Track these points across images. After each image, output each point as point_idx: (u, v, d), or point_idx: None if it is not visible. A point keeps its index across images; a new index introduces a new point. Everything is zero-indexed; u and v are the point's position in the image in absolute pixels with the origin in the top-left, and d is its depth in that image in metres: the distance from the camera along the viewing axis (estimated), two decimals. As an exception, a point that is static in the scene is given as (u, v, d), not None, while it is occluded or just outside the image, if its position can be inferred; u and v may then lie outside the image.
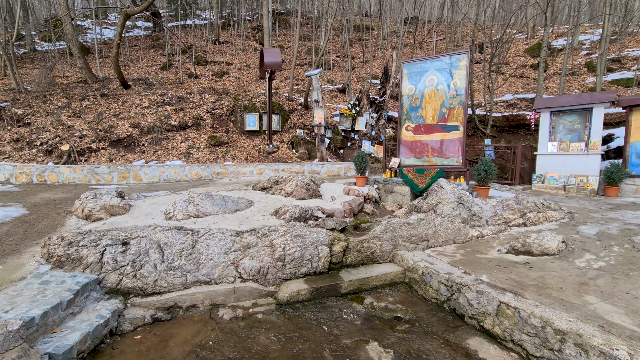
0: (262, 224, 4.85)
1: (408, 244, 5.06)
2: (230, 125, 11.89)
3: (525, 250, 4.64)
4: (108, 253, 3.49)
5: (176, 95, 12.79)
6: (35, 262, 3.54)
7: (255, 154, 10.82)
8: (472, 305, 3.54)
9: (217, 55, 19.94)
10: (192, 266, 3.74)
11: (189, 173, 8.67)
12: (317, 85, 10.40)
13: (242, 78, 16.27)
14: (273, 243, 4.23)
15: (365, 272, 4.57)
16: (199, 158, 10.07)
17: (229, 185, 7.81)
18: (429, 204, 5.42)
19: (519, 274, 4.02)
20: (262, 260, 4.05)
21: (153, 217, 5.17)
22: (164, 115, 11.25)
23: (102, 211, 5.17)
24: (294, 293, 3.90)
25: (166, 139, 10.49)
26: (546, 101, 9.02)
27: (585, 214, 6.12)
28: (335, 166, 9.98)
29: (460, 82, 7.32)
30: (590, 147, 8.34)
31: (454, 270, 4.17)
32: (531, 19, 18.58)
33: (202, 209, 5.29)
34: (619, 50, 14.72)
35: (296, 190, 6.77)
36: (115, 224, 4.81)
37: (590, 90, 12.83)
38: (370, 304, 4.06)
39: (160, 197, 6.21)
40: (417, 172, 7.57)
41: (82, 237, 3.63)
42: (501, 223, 5.86)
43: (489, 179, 6.20)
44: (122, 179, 8.14)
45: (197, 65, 17.00)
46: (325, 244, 4.45)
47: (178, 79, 15.30)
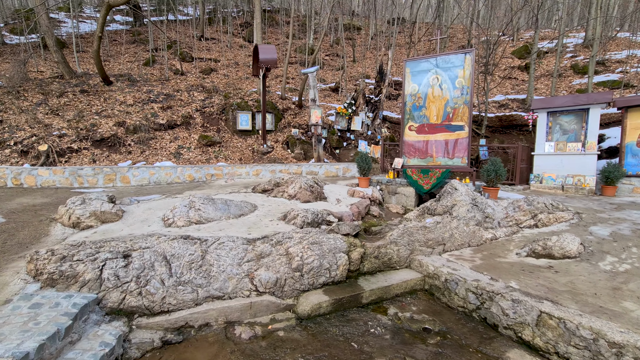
0: (273, 230, 4.51)
1: (425, 249, 4.85)
2: (221, 124, 11.39)
3: (546, 253, 4.52)
4: (108, 268, 3.07)
5: (163, 93, 12.15)
6: (21, 281, 3.07)
7: (249, 154, 10.38)
8: (507, 315, 3.34)
9: (203, 52, 19.24)
10: (203, 280, 3.36)
11: (181, 175, 8.16)
12: (313, 83, 10.09)
13: (231, 76, 15.73)
14: (289, 251, 3.90)
15: (384, 280, 4.31)
16: (190, 159, 9.55)
17: (226, 187, 7.38)
18: (444, 207, 5.23)
19: (547, 279, 3.88)
20: (278, 270, 3.71)
21: (150, 224, 4.73)
22: (150, 114, 10.62)
23: (92, 218, 4.67)
24: (315, 306, 3.59)
25: (154, 139, 9.89)
26: (543, 102, 9.08)
27: (592, 214, 6.12)
28: (333, 167, 9.70)
29: (465, 81, 7.20)
30: (587, 148, 8.44)
31: (479, 276, 3.98)
32: (517, 22, 18.96)
33: (204, 214, 4.88)
34: (603, 54, 15.21)
35: (300, 192, 6.44)
36: (109, 233, 4.35)
37: (579, 91, 13.15)
38: (395, 315, 3.80)
39: (155, 202, 5.73)
40: (421, 172, 7.41)
41: (76, 250, 3.18)
42: (513, 224, 5.76)
43: (499, 180, 6.09)
44: (108, 182, 7.55)
45: (182, 62, 16.29)
46: (343, 251, 4.17)
47: (163, 75, 14.59)
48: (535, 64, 15.87)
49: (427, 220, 4.99)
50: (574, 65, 14.98)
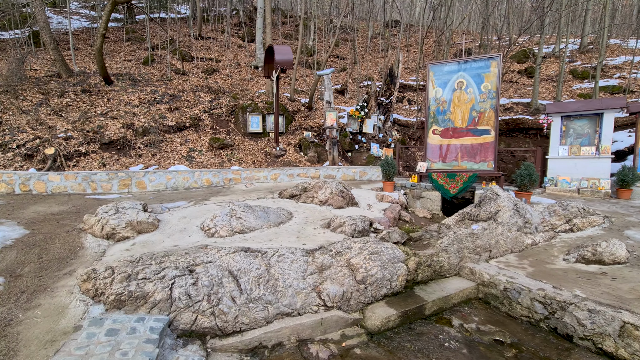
0: (324, 239, 4.34)
1: (472, 255, 4.78)
2: (230, 126, 11.09)
3: (596, 259, 4.52)
4: (178, 286, 2.84)
5: (168, 93, 11.74)
6: (80, 302, 2.80)
7: (262, 157, 10.14)
8: (583, 326, 3.29)
9: (202, 51, 18.78)
10: (272, 296, 3.17)
11: (198, 179, 7.85)
12: (329, 85, 9.94)
13: (235, 76, 15.40)
14: (350, 263, 3.75)
15: (440, 289, 4.21)
16: (203, 162, 9.23)
17: (250, 193, 7.14)
18: (488, 213, 5.18)
19: (608, 286, 3.86)
20: (343, 283, 3.55)
21: (190, 234, 4.48)
22: (158, 115, 10.22)
23: (128, 229, 4.39)
24: (384, 320, 3.45)
25: (164, 141, 9.51)
26: (558, 106, 9.23)
27: (621, 218, 6.21)
28: (350, 170, 9.57)
29: (491, 86, 7.22)
30: (602, 151, 8.62)
31: (541, 285, 3.92)
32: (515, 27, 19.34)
33: (246, 222, 4.67)
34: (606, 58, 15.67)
35: (332, 198, 6.29)
36: (150, 245, 4.09)
37: (580, 95, 13.49)
38: (461, 326, 3.70)
39: (187, 209, 5.46)
40: (447, 177, 7.37)
41: (139, 266, 2.94)
42: (549, 229, 5.77)
43: (533, 185, 6.10)
44: (123, 187, 7.18)
45: (183, 62, 15.83)
46: (401, 261, 4.04)
47: (164, 75, 14.13)
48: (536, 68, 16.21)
49: (474, 226, 4.92)
50: (573, 70, 15.38)
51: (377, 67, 20.17)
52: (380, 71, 18.98)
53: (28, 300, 2.79)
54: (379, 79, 17.81)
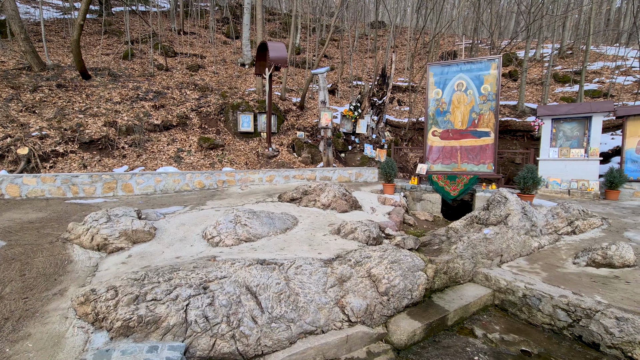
0: (339, 247, 4.10)
1: (485, 261, 4.69)
2: (220, 125, 10.62)
3: (606, 262, 4.53)
4: (194, 307, 2.52)
5: (152, 90, 11.11)
6: (78, 330, 2.43)
7: (255, 158, 9.76)
8: (611, 334, 3.22)
9: (185, 47, 18.04)
10: (294, 313, 2.90)
11: (190, 182, 7.40)
12: (323, 84, 9.71)
13: (221, 73, 14.85)
14: (371, 273, 3.53)
15: (457, 297, 4.08)
16: (192, 163, 8.75)
17: (247, 196, 6.79)
18: (498, 216, 5.12)
19: (625, 291, 3.84)
20: (365, 296, 3.33)
21: (192, 243, 4.12)
22: (142, 113, 9.62)
23: (122, 239, 3.97)
24: (410, 334, 3.25)
25: (149, 141, 8.95)
26: (548, 109, 9.42)
27: (617, 220, 6.34)
28: (346, 172, 9.38)
29: (491, 87, 7.22)
30: (590, 154, 8.85)
31: (561, 291, 3.85)
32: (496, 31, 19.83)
33: (252, 230, 4.36)
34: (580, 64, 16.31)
35: (335, 201, 6.06)
36: (148, 257, 3.71)
37: (562, 99, 13.94)
38: (485, 337, 3.57)
39: (184, 215, 5.06)
40: (448, 179, 7.31)
41: (147, 285, 2.59)
42: (552, 232, 5.79)
43: (535, 187, 6.12)
44: (108, 191, 6.64)
45: (166, 57, 15.11)
46: (421, 269, 3.87)
47: (146, 70, 13.41)
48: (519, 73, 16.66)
49: (485, 231, 4.84)
50: (555, 75, 15.90)
51: (366, 67, 20.13)
52: (369, 71, 18.95)
53: (15, 330, 2.39)
54: (368, 79, 17.76)
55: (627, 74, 14.21)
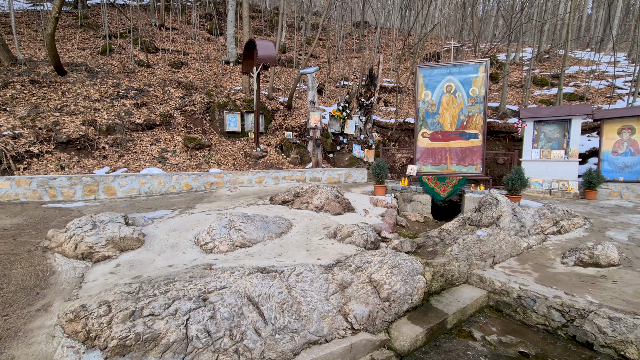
0: (337, 252, 4.04)
1: (479, 262, 4.75)
2: (206, 124, 10.33)
3: (593, 262, 4.69)
4: (194, 322, 2.39)
5: (133, 87, 10.66)
6: (68, 350, 2.25)
7: (242, 158, 9.55)
8: (604, 333, 3.32)
9: (166, 43, 17.46)
10: (298, 323, 2.82)
11: (176, 184, 7.13)
12: (312, 84, 9.61)
13: (205, 71, 14.47)
14: (372, 278, 3.49)
15: (454, 299, 4.10)
16: (178, 164, 8.45)
17: (237, 198, 6.62)
18: (490, 218, 5.20)
19: (613, 290, 3.98)
20: (367, 302, 3.29)
21: (184, 250, 3.95)
22: (124, 111, 9.21)
23: (109, 246, 3.76)
24: (413, 340, 3.23)
25: (132, 141, 8.57)
26: (530, 111, 9.72)
27: (598, 219, 6.61)
28: (335, 172, 9.33)
29: (479, 90, 7.34)
30: (570, 155, 9.21)
31: (555, 292, 3.94)
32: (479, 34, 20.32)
33: (247, 235, 4.23)
34: (556, 68, 16.97)
35: (328, 204, 5.99)
36: (138, 266, 3.53)
37: (542, 102, 14.44)
38: (483, 339, 3.60)
39: (173, 220, 4.85)
40: (438, 180, 7.40)
41: (143, 299, 2.43)
42: (539, 232, 5.96)
43: (523, 188, 6.27)
44: (88, 194, 6.29)
45: (147, 53, 14.56)
46: (420, 273, 3.86)
47: (126, 67, 12.87)
48: (500, 75, 17.15)
49: (479, 232, 4.90)
50: (533, 78, 16.45)
51: (352, 67, 20.15)
52: (355, 71, 18.99)
53: (-4, 352, 2.18)
54: (354, 79, 17.79)
55: (600, 78, 14.90)
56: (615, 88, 13.63)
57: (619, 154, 8.88)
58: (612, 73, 15.42)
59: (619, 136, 8.87)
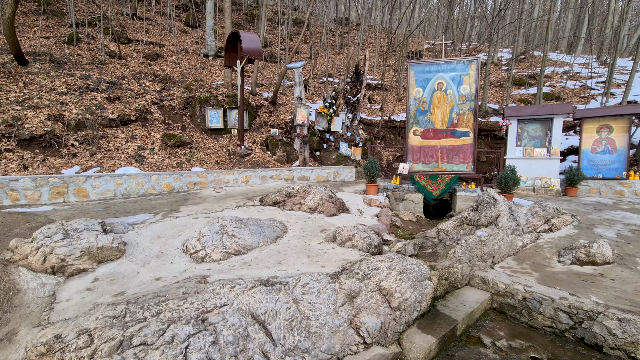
0: (340, 257, 3.79)
1: (480, 263, 4.66)
2: (186, 120, 9.75)
3: (589, 260, 4.71)
4: (195, 350, 2.06)
5: (104, 79, 9.88)
6: (40, 391, 1.86)
7: (226, 156, 9.08)
8: (614, 335, 3.28)
9: (139, 33, 16.46)
10: (308, 341, 2.54)
11: (156, 184, 6.60)
12: (299, 79, 9.27)
13: (183, 64, 13.74)
14: (381, 286, 3.27)
15: (460, 303, 3.97)
16: (156, 163, 7.88)
17: (224, 199, 6.21)
18: (489, 217, 5.13)
19: (614, 289, 3.98)
20: (378, 312, 3.06)
21: (172, 259, 3.57)
22: (94, 106, 8.48)
23: (85, 258, 3.31)
24: (427, 351, 3.05)
25: (105, 137, 7.90)
26: (515, 110, 9.86)
27: (584, 216, 6.74)
28: (324, 171, 9.07)
29: (470, 88, 7.31)
30: (552, 153, 9.43)
31: (561, 293, 3.89)
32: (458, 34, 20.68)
33: (241, 241, 3.89)
34: (533, 68, 17.52)
35: (322, 204, 5.73)
36: (120, 280, 3.12)
37: (520, 101, 14.84)
38: (493, 345, 3.48)
39: (157, 226, 4.41)
40: (430, 178, 7.31)
41: (132, 325, 2.07)
42: (532, 230, 5.99)
43: (515, 186, 6.28)
44: (56, 196, 5.67)
45: (118, 43, 13.61)
46: (427, 278, 3.68)
47: (96, 58, 11.96)
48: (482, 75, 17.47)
49: (479, 232, 4.81)
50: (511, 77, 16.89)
51: (334, 63, 19.91)
52: (338, 67, 18.77)
53: (-55, 402, 1.76)
54: (338, 75, 17.56)
55: (574, 78, 15.52)
56: (589, 89, 14.23)
57: (597, 152, 9.18)
58: (584, 74, 16.10)
59: (598, 135, 9.17)
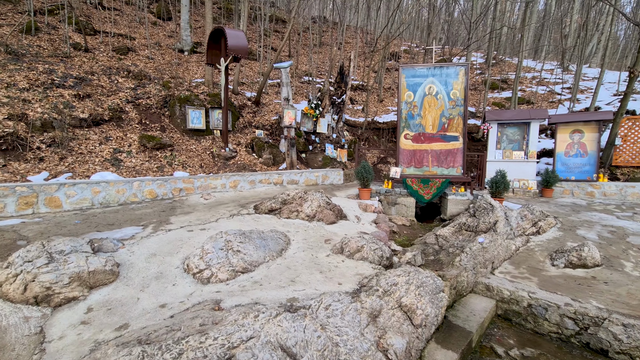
0: (354, 272, 3.65)
1: (482, 270, 4.71)
2: (165, 121, 9.15)
3: (581, 263, 4.91)
4: (230, 398, 1.83)
5: (71, 75, 9.04)
6: None
7: (210, 159, 8.64)
8: (619, 340, 3.40)
9: (107, 25, 15.30)
10: (340, 371, 2.38)
11: (138, 191, 6.09)
12: (286, 80, 9.00)
13: (157, 59, 12.94)
14: (402, 303, 3.17)
15: (469, 312, 3.98)
16: (135, 167, 7.31)
17: (216, 207, 5.85)
18: (487, 223, 5.21)
19: (609, 292, 4.16)
20: (402, 331, 2.96)
21: (174, 281, 3.26)
22: (62, 104, 7.71)
23: (74, 285, 2.93)
24: (450, 368, 2.99)
25: (75, 139, 7.20)
26: (495, 114, 10.22)
27: (565, 218, 7.08)
28: (312, 174, 8.89)
29: (459, 93, 7.43)
30: (529, 156, 9.88)
31: (562, 298, 4.00)
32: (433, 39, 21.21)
33: (247, 257, 3.64)
34: (505, 73, 18.34)
35: (320, 212, 5.57)
36: (118, 308, 2.80)
37: (494, 104, 15.46)
38: (507, 354, 3.51)
39: (149, 241, 4.03)
40: (422, 182, 7.37)
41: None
42: (521, 233, 6.19)
43: (506, 190, 6.46)
44: (25, 207, 5.05)
45: (84, 35, 12.54)
46: (441, 290, 3.64)
47: (59, 49, 10.94)
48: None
49: (480, 239, 4.87)
50: (485, 82, 17.58)
51: (314, 63, 19.70)
52: (319, 67, 18.59)
53: None
54: (318, 75, 17.39)
55: (542, 84, 16.43)
56: (557, 94, 15.11)
57: (570, 155, 9.71)
58: (549, 79, 17.09)
59: (570, 139, 9.70)
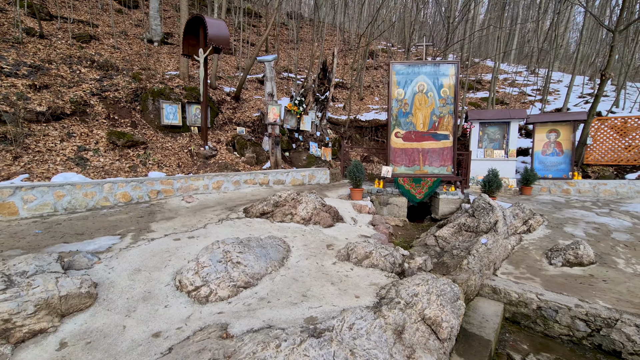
0: (368, 282, 3.35)
1: (487, 271, 4.60)
2: (136, 116, 8.35)
3: (578, 262, 4.96)
4: None
5: (25, 63, 7.98)
6: None
7: (188, 158, 7.98)
8: (633, 341, 3.38)
9: (65, 10, 13.88)
10: (377, 403, 2.07)
11: (110, 194, 5.40)
12: (271, 74, 8.53)
13: (124, 49, 11.90)
14: (425, 315, 2.92)
15: (481, 317, 3.83)
16: (103, 167, 6.54)
17: (201, 211, 5.32)
18: (488, 224, 5.12)
19: (611, 291, 4.19)
20: (429, 347, 2.71)
21: (166, 302, 2.80)
22: (15, 95, 6.74)
23: (42, 313, 2.40)
24: (479, 384, 2.77)
25: (32, 135, 6.31)
26: (477, 113, 10.39)
27: (550, 215, 7.25)
28: (299, 174, 8.50)
29: (449, 91, 7.37)
30: (509, 154, 10.14)
31: (570, 299, 3.96)
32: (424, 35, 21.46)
33: (248, 269, 3.23)
34: (479, 74, 18.90)
35: (317, 214, 5.23)
36: (100, 342, 2.34)
37: (471, 104, 15.85)
38: (525, 362, 3.37)
39: (130, 254, 3.48)
40: (413, 182, 7.24)
41: None
42: (514, 232, 6.21)
43: (498, 189, 6.46)
44: (-30, 215, 4.26)
45: (39, 20, 11.24)
46: (458, 297, 3.43)
47: (9, 34, 9.69)
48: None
49: (483, 240, 4.76)
50: (461, 82, 18.01)
51: (292, 59, 19.22)
52: (297, 63, 18.12)
53: None
54: (297, 71, 16.94)
55: (513, 85, 17.09)
56: (527, 95, 15.77)
57: (547, 154, 10.06)
58: (519, 81, 17.82)
59: (547, 138, 10.04)
